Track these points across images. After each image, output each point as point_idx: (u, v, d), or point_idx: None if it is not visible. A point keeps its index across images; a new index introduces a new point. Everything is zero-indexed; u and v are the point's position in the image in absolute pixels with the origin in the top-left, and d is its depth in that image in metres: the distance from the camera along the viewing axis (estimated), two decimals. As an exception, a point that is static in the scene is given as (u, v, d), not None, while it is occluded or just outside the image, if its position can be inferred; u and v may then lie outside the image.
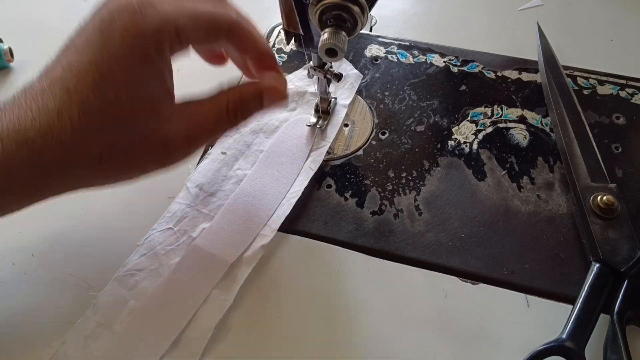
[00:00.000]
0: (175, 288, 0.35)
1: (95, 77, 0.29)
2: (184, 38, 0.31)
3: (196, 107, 0.33)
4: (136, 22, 0.29)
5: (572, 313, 0.33)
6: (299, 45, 0.38)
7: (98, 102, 0.29)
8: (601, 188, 0.38)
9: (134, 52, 0.29)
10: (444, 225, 0.39)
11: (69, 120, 0.29)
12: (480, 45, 0.50)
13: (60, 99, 0.29)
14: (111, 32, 0.30)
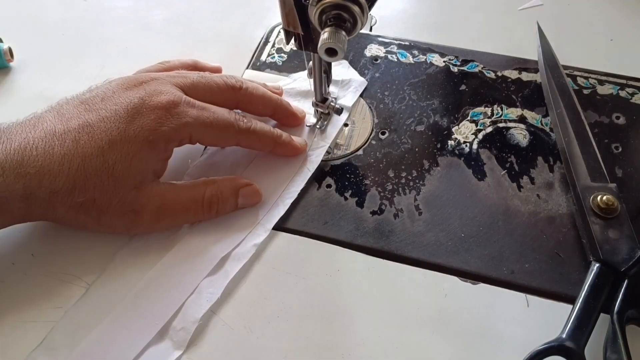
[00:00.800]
0: (164, 279, 0.36)
1: (105, 145, 0.34)
2: (195, 140, 0.38)
3: (175, 191, 0.37)
4: (158, 121, 0.35)
5: (572, 313, 0.33)
6: (299, 44, 0.38)
7: (98, 164, 0.34)
8: (601, 188, 0.38)
9: (146, 141, 0.35)
10: (444, 225, 0.39)
11: (67, 169, 0.33)
12: (480, 45, 0.50)
13: (67, 149, 0.33)
14: (136, 119, 0.35)
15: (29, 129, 0.34)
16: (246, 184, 0.39)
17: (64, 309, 0.35)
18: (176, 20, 0.54)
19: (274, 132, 0.40)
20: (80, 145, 0.34)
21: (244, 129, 0.39)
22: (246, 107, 0.42)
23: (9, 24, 0.53)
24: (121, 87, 0.37)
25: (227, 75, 0.41)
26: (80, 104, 0.36)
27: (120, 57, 0.50)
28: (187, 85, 0.38)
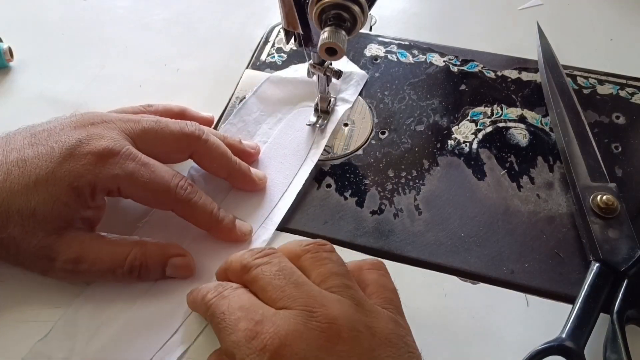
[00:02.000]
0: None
1: (31, 184, 0.33)
2: (125, 195, 0.35)
3: (98, 245, 0.35)
4: (87, 168, 0.33)
5: (571, 312, 0.33)
6: (299, 44, 0.38)
7: (21, 202, 0.32)
8: (601, 188, 0.38)
9: (70, 186, 0.33)
10: (444, 224, 0.39)
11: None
12: (480, 44, 0.50)
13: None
14: (67, 162, 0.33)
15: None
16: (178, 254, 0.36)
17: (63, 309, 0.35)
18: (176, 20, 0.54)
19: (214, 214, 0.36)
20: (9, 180, 0.32)
21: (182, 198, 0.35)
22: (201, 160, 0.39)
23: (8, 24, 0.53)
24: (71, 125, 0.35)
25: (188, 123, 0.38)
26: (29, 135, 0.35)
27: (120, 57, 0.50)
28: (136, 133, 0.36)
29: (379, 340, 0.27)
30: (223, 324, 0.28)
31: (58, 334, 0.34)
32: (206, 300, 0.30)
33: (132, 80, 0.48)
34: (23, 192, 0.32)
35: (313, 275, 0.30)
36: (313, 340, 0.26)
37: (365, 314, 0.28)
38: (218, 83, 0.47)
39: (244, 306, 0.28)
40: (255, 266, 0.30)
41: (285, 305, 0.28)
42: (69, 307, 0.35)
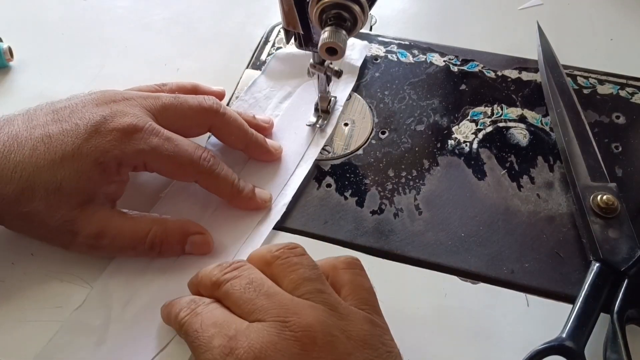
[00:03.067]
0: None
1: (57, 159, 0.33)
2: (151, 169, 0.36)
3: (120, 221, 0.35)
4: (113, 144, 0.34)
5: (572, 312, 0.33)
6: (299, 44, 0.38)
7: (46, 176, 0.33)
8: (601, 187, 0.38)
9: (96, 162, 0.34)
10: (444, 224, 0.39)
11: (18, 177, 0.33)
12: (480, 44, 0.50)
13: (23, 157, 0.33)
14: (93, 138, 0.34)
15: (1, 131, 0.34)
16: (197, 231, 0.37)
17: (63, 309, 0.35)
18: (176, 20, 0.54)
19: (236, 184, 0.38)
20: (35, 155, 0.33)
21: (206, 169, 0.36)
22: (219, 133, 0.40)
23: (8, 24, 0.53)
24: (93, 101, 0.36)
25: (205, 97, 0.39)
26: (51, 112, 0.35)
27: (120, 57, 0.50)
28: (157, 109, 0.37)
29: (355, 343, 0.27)
30: (197, 342, 0.28)
31: (93, 303, 0.35)
32: (179, 318, 0.30)
33: (132, 80, 0.48)
34: (49, 167, 0.33)
35: (285, 282, 0.29)
36: (288, 349, 0.26)
37: (340, 317, 0.28)
38: (218, 83, 0.46)
39: (217, 322, 0.28)
40: (225, 281, 0.30)
41: (258, 318, 0.28)
42: (97, 280, 0.36)
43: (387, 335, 0.29)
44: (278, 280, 0.30)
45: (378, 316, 0.30)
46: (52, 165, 0.33)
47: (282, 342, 0.26)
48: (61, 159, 0.33)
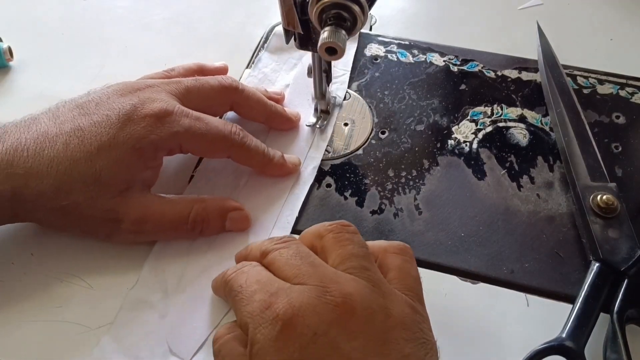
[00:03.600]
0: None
1: (94, 150, 0.34)
2: (186, 150, 0.37)
3: (160, 204, 0.36)
4: (148, 129, 0.35)
5: (571, 312, 0.33)
6: (299, 44, 0.38)
7: (85, 168, 0.33)
8: (601, 187, 0.38)
9: (133, 149, 0.34)
10: (444, 224, 0.39)
11: (55, 172, 0.33)
12: (480, 44, 0.50)
13: (57, 152, 0.33)
14: (127, 126, 0.34)
15: (23, 130, 0.34)
16: (236, 208, 0.38)
17: (63, 309, 0.35)
18: (176, 20, 0.54)
19: (266, 153, 0.39)
20: (69, 148, 0.34)
21: (238, 143, 0.38)
22: (241, 109, 0.41)
23: (8, 24, 0.53)
24: (116, 92, 0.36)
25: (224, 77, 0.40)
26: (75, 107, 0.36)
27: (120, 57, 0.50)
28: (181, 92, 0.38)
29: (394, 323, 0.27)
30: (240, 296, 0.29)
31: (147, 280, 0.36)
32: (226, 276, 0.31)
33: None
34: (86, 159, 0.34)
35: (333, 255, 0.30)
36: (326, 314, 0.26)
37: (381, 294, 0.28)
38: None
39: (260, 280, 0.29)
40: (274, 250, 0.31)
41: (300, 281, 0.28)
42: (145, 261, 0.36)
43: (426, 324, 0.29)
44: (327, 253, 0.30)
45: (420, 305, 0.30)
46: (88, 156, 0.34)
47: (321, 305, 0.26)
48: (98, 149, 0.34)
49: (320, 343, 0.25)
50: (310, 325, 0.26)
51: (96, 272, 0.36)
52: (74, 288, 0.36)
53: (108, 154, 0.34)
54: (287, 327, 0.26)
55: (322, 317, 0.26)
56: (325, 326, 0.26)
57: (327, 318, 0.26)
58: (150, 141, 0.35)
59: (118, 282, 0.36)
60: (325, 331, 0.26)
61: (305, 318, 0.26)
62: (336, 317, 0.26)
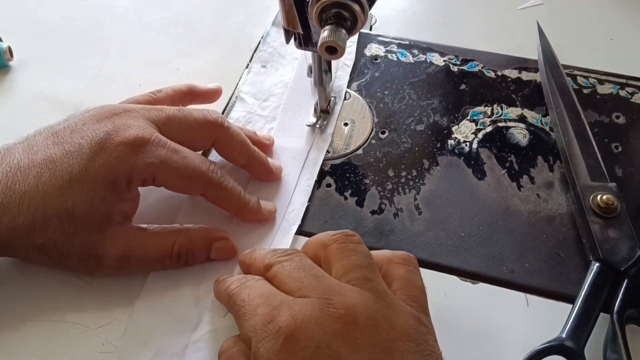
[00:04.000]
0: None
1: (65, 184, 0.32)
2: (159, 184, 0.35)
3: (142, 238, 0.35)
4: (121, 160, 0.33)
5: (571, 312, 0.33)
6: (299, 43, 0.38)
7: (58, 204, 0.32)
8: (601, 187, 0.38)
9: (106, 181, 0.32)
10: (444, 224, 0.39)
11: (27, 208, 0.31)
12: (480, 44, 0.50)
13: (28, 186, 0.32)
14: (98, 156, 0.33)
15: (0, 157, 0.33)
16: (221, 237, 0.36)
17: (63, 309, 0.35)
18: (176, 20, 0.54)
19: (242, 196, 0.37)
20: (41, 182, 0.32)
21: (214, 182, 0.36)
22: (222, 147, 0.39)
23: (8, 23, 0.53)
24: (92, 118, 0.35)
25: (210, 110, 0.38)
26: (50, 135, 0.34)
27: (120, 57, 0.50)
28: (161, 120, 0.36)
29: (398, 333, 0.27)
30: (242, 310, 0.29)
31: None
32: (229, 290, 0.31)
33: (132, 80, 0.48)
34: (58, 194, 0.32)
35: (337, 266, 0.29)
36: (329, 325, 0.26)
37: (385, 306, 0.27)
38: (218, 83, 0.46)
39: (263, 294, 0.29)
40: (277, 263, 0.30)
41: (303, 294, 0.28)
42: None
43: (432, 336, 0.28)
44: (330, 264, 0.30)
45: (425, 316, 0.29)
46: (60, 191, 0.32)
47: (324, 317, 0.26)
48: (69, 183, 0.32)
49: (323, 355, 0.25)
50: (313, 338, 0.25)
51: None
52: (74, 288, 0.36)
53: (80, 187, 0.32)
54: (289, 340, 0.26)
55: (324, 329, 0.26)
56: (328, 338, 0.25)
57: (330, 330, 0.26)
58: (123, 173, 0.33)
59: (118, 282, 0.36)
60: (328, 343, 0.25)
61: (308, 330, 0.26)
62: (339, 328, 0.26)
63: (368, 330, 0.26)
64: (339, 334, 0.26)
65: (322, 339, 0.25)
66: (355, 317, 0.26)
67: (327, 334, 0.26)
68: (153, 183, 0.35)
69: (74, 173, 0.32)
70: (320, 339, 0.25)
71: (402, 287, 0.30)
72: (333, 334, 0.26)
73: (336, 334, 0.26)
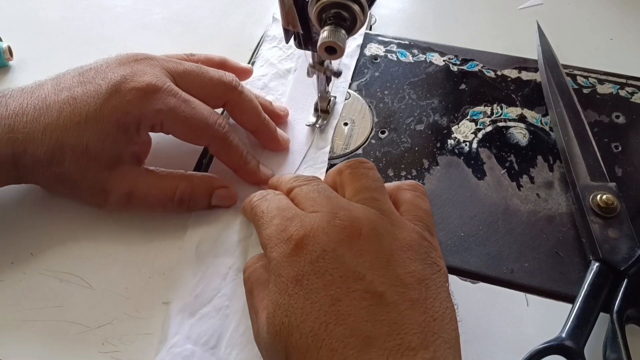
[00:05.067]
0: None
1: (82, 121, 0.34)
2: (167, 131, 0.37)
3: (148, 180, 0.37)
4: (132, 104, 0.35)
5: (571, 312, 0.33)
6: (299, 43, 0.38)
7: (74, 139, 0.34)
8: (601, 187, 0.38)
9: (118, 123, 0.35)
10: (444, 224, 0.39)
11: (48, 140, 0.34)
12: (479, 44, 0.50)
13: (51, 119, 0.34)
14: (113, 98, 0.35)
15: (27, 95, 0.35)
16: (222, 186, 0.38)
17: (63, 309, 0.35)
18: (176, 19, 0.54)
19: (244, 155, 0.39)
20: (62, 117, 0.34)
21: (219, 135, 0.37)
22: (233, 110, 0.40)
23: (8, 23, 0.53)
24: (115, 62, 0.37)
25: (227, 73, 0.40)
26: (77, 74, 0.36)
27: (119, 56, 0.50)
28: (177, 73, 0.38)
29: (400, 244, 0.29)
30: (261, 220, 0.32)
31: None
32: (252, 202, 0.34)
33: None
34: (75, 129, 0.34)
35: (348, 189, 0.32)
36: (334, 234, 0.28)
37: (390, 222, 0.30)
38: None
39: (280, 207, 0.31)
40: (297, 186, 0.33)
41: (314, 210, 0.30)
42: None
43: (436, 252, 0.30)
44: (344, 186, 0.33)
45: (430, 235, 0.31)
46: (77, 127, 0.34)
47: (330, 227, 0.29)
48: (85, 120, 0.34)
49: (327, 258, 0.28)
50: (320, 244, 0.28)
51: (96, 272, 0.36)
52: (73, 288, 0.36)
53: (94, 126, 0.34)
54: (298, 246, 0.28)
55: (330, 237, 0.28)
56: (333, 244, 0.28)
57: (335, 238, 0.28)
58: (133, 117, 0.35)
59: (118, 282, 0.36)
60: (333, 249, 0.28)
61: (316, 238, 0.28)
62: (344, 237, 0.28)
63: (370, 239, 0.28)
64: (343, 242, 0.28)
65: (327, 245, 0.28)
66: (359, 228, 0.29)
67: (332, 242, 0.28)
68: (161, 129, 0.37)
69: (90, 112, 0.34)
70: (326, 245, 0.28)
71: (408, 209, 0.32)
72: (338, 241, 0.28)
73: (341, 242, 0.28)
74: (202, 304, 0.34)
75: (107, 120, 0.34)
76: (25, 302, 0.35)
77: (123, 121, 0.35)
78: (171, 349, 0.33)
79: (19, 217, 0.39)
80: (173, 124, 0.36)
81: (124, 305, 0.35)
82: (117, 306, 0.35)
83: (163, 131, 0.37)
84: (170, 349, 0.33)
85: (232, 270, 0.36)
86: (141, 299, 0.35)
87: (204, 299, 0.35)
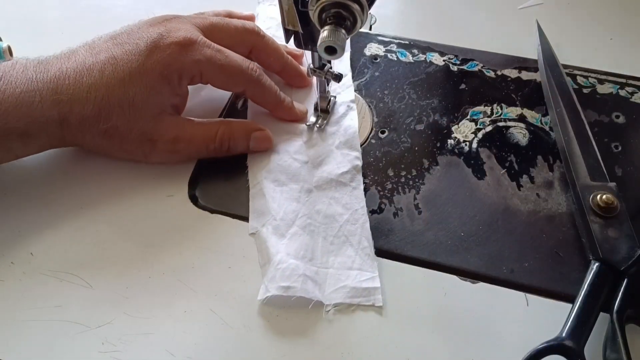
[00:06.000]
0: None
1: (126, 77, 0.37)
2: (206, 80, 0.40)
3: (191, 125, 0.40)
4: (173, 56, 0.38)
5: (571, 312, 0.33)
6: (299, 43, 0.38)
7: (120, 94, 0.37)
8: (601, 187, 0.38)
9: (161, 75, 0.38)
10: (444, 224, 0.39)
11: (94, 98, 0.36)
12: (479, 44, 0.50)
13: (94, 79, 0.37)
14: (154, 53, 0.38)
15: (64, 60, 0.38)
16: (259, 128, 0.41)
17: (63, 308, 0.35)
18: (176, 19, 0.54)
19: (279, 94, 0.42)
20: (105, 76, 0.37)
21: (254, 78, 0.40)
22: (259, 54, 0.43)
23: (8, 23, 0.53)
24: (146, 23, 0.40)
25: (248, 22, 0.43)
26: (109, 39, 0.39)
27: (119, 56, 0.50)
28: (205, 26, 0.41)
29: None
30: None
31: None
32: None
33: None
34: (120, 86, 0.37)
35: None
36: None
37: None
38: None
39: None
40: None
41: None
42: None
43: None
44: None
45: None
46: (122, 83, 0.37)
47: None
48: (129, 76, 0.37)
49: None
50: None
51: (96, 272, 0.36)
52: (73, 287, 0.36)
53: (139, 80, 0.37)
54: None
55: None
56: None
57: None
58: (175, 68, 0.38)
59: (118, 282, 0.36)
60: None
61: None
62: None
63: None
64: None
65: None
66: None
67: None
68: (200, 80, 0.40)
69: (133, 68, 0.37)
70: None
71: None
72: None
73: None
74: (288, 225, 0.37)
75: (150, 73, 0.37)
76: (25, 302, 0.35)
77: (166, 73, 0.37)
78: (278, 266, 0.35)
79: (18, 216, 0.39)
80: (211, 72, 0.39)
81: (124, 305, 0.35)
82: (117, 306, 0.35)
83: (202, 81, 0.40)
84: (278, 265, 0.35)
85: (303, 192, 0.39)
86: (141, 299, 0.35)
87: (288, 220, 0.37)
